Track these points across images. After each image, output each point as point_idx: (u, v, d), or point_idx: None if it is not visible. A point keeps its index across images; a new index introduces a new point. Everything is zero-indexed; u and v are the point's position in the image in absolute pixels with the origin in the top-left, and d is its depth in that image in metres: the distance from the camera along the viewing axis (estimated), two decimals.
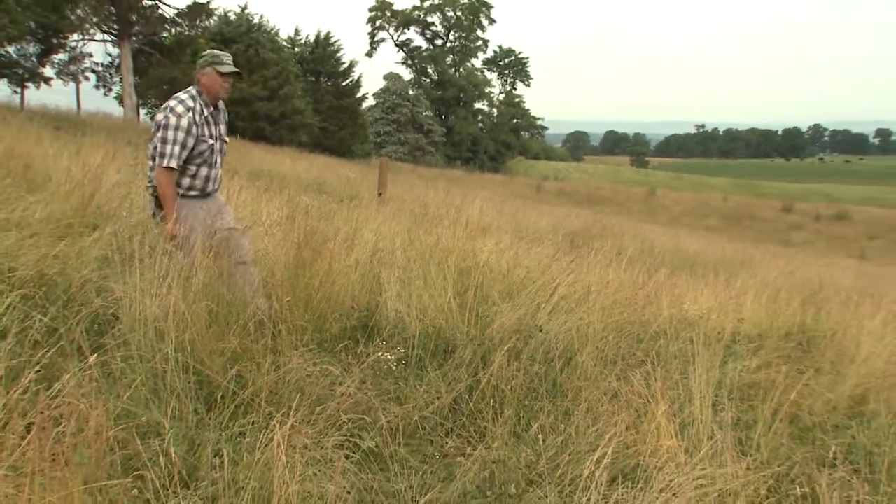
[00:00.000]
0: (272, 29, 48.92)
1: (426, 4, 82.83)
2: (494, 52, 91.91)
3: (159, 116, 4.83)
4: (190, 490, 2.89)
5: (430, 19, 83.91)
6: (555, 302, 5.84)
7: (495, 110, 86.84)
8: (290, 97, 46.86)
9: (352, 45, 67.43)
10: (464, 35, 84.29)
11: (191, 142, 4.81)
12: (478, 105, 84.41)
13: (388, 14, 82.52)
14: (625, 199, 60.24)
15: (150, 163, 4.98)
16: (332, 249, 5.80)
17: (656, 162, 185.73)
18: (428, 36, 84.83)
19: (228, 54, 5.14)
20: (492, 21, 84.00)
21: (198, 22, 36.88)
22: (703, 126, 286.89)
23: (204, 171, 4.98)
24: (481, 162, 78.19)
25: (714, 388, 4.41)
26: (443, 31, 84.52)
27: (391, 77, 71.48)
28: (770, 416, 4.32)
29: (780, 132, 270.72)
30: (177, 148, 4.74)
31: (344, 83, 56.35)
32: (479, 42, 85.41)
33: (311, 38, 56.62)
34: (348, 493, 3.11)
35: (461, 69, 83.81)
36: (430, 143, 68.62)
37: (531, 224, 15.16)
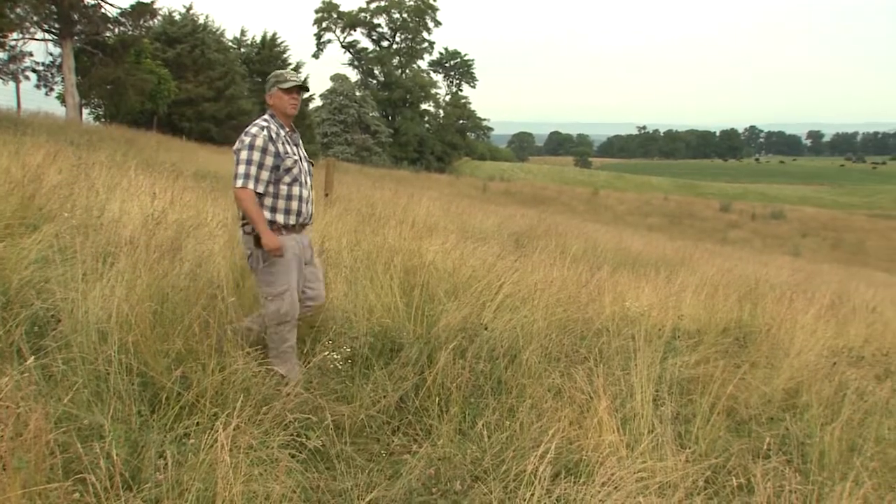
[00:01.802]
0: (217, 29, 48.44)
1: (372, 6, 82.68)
2: (440, 53, 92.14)
3: (235, 145, 4.68)
4: (133, 492, 2.87)
5: (376, 21, 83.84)
6: (500, 300, 5.90)
7: (441, 111, 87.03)
8: (236, 98, 46.42)
9: (298, 47, 67.01)
10: (410, 37, 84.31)
11: (269, 160, 4.58)
12: (424, 106, 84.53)
13: (335, 15, 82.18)
14: (569, 199, 60.83)
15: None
16: None
17: (599, 162, 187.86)
18: (374, 37, 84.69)
19: (291, 70, 5.06)
20: (437, 23, 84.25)
21: (142, 22, 36.16)
22: (644, 127, 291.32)
23: (296, 189, 4.72)
24: (428, 162, 78.28)
25: (655, 384, 4.51)
26: (389, 32, 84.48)
27: (338, 78, 71.17)
28: (708, 410, 4.44)
29: (718, 133, 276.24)
30: (252, 168, 4.51)
31: None
32: (425, 44, 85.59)
33: (258, 39, 56.16)
34: (294, 492, 3.11)
35: (407, 71, 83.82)
36: (377, 144, 68.48)
37: (477, 224, 15.23)
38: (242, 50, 55.08)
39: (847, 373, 5.82)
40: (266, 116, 4.79)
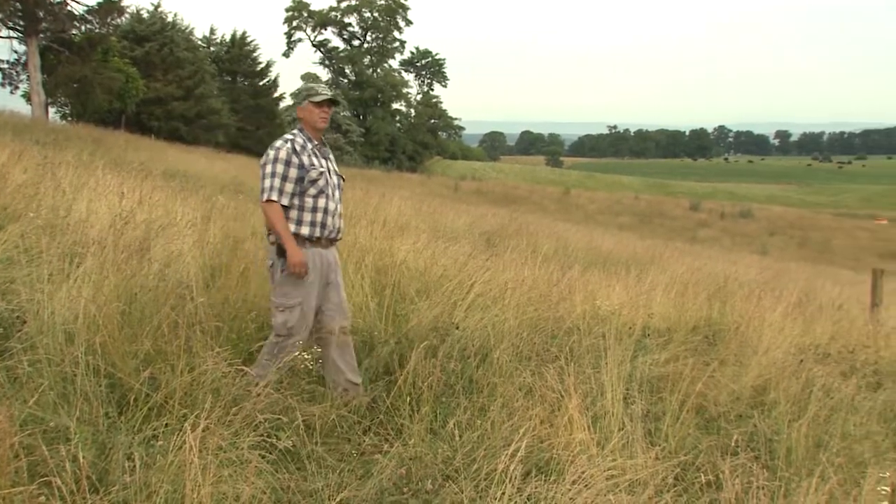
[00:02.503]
0: (186, 28, 48.08)
1: (343, 5, 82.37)
2: (411, 53, 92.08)
3: (261, 159, 4.64)
4: (100, 495, 2.83)
5: (347, 20, 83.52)
6: (471, 300, 5.92)
7: (413, 111, 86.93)
8: (205, 97, 46.12)
9: (268, 45, 66.63)
10: (381, 36, 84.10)
11: (293, 172, 4.53)
12: (395, 105, 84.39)
13: (305, 14, 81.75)
14: (540, 199, 61.04)
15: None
16: (249, 250, 5.76)
17: (570, 162, 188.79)
18: (345, 37, 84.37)
19: (322, 84, 5.00)
20: (408, 22, 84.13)
21: (109, 20, 35.74)
22: (615, 127, 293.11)
23: (322, 202, 4.63)
24: (399, 162, 78.18)
25: (625, 382, 4.54)
26: (360, 31, 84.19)
27: (309, 77, 70.86)
28: (678, 408, 4.48)
29: (687, 133, 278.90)
30: (276, 180, 4.48)
31: (261, 83, 55.75)
32: (396, 43, 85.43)
33: (227, 38, 55.77)
34: (264, 493, 3.09)
35: (378, 70, 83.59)
36: (349, 143, 68.28)
37: (448, 223, 15.24)
38: (212, 49, 54.71)
39: (814, 370, 5.89)
40: (294, 130, 4.75)
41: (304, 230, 4.57)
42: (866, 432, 4.82)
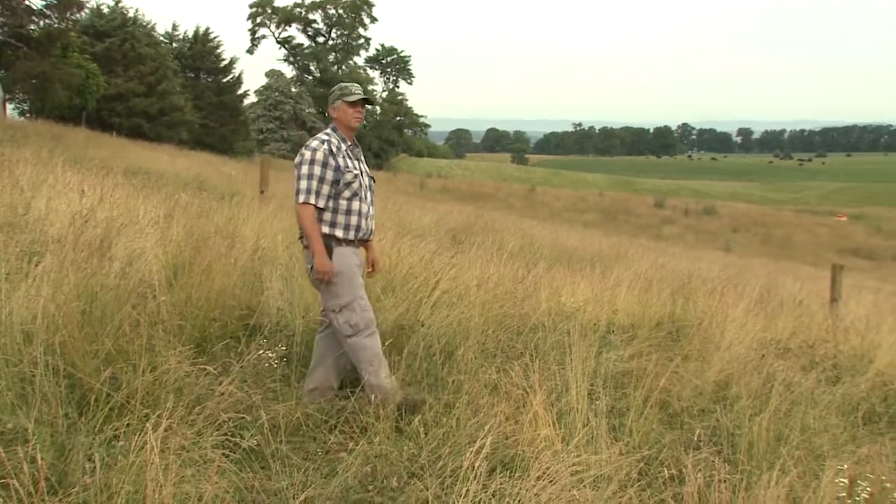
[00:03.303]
0: (148, 23, 47.50)
1: (307, 2, 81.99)
2: (377, 50, 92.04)
3: (296, 159, 4.56)
4: (58, 497, 2.79)
5: (311, 17, 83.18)
6: (436, 297, 5.92)
7: (378, 108, 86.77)
8: (168, 93, 45.58)
9: (232, 42, 65.98)
10: (346, 33, 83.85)
11: (330, 174, 4.47)
12: None
13: (269, 11, 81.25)
14: (506, 196, 61.28)
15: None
16: (212, 248, 5.70)
17: (536, 159, 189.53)
18: (310, 33, 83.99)
19: (356, 83, 4.91)
20: (373, 19, 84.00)
21: (68, 14, 35.17)
22: (580, 124, 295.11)
23: (356, 204, 4.56)
24: (365, 159, 77.93)
25: (589, 378, 4.57)
26: (325, 28, 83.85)
27: (273, 74, 70.36)
28: (641, 403, 4.51)
29: (651, 131, 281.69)
30: (313, 182, 4.41)
31: (225, 80, 55.26)
32: (362, 40, 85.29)
33: (190, 34, 55.18)
34: (227, 492, 3.06)
35: (344, 67, 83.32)
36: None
37: (414, 220, 15.21)
38: (174, 45, 54.07)
39: (775, 364, 5.99)
40: (328, 130, 4.68)
41: (339, 232, 4.51)
42: (825, 425, 4.90)
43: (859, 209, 76.07)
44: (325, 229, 4.47)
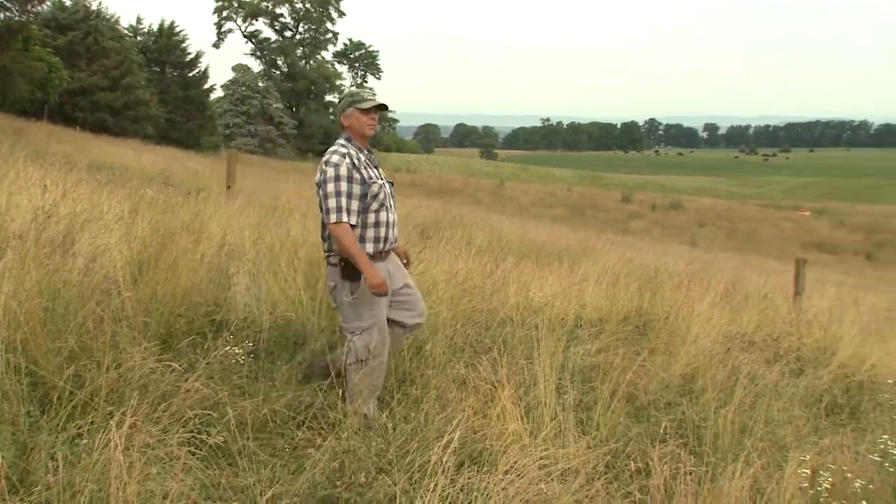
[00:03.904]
0: (112, 16, 46.86)
1: None
2: (344, 44, 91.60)
3: (317, 176, 4.38)
4: (20, 496, 2.75)
5: (278, 11, 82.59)
6: None
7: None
8: (133, 87, 45.05)
9: (198, 36, 65.21)
10: (313, 27, 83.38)
11: (357, 189, 4.28)
12: (329, 97, 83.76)
13: (236, 4, 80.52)
14: (475, 191, 61.37)
15: (323, 230, 4.48)
16: (178, 243, 5.65)
17: (505, 154, 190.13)
18: (277, 27, 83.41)
19: (367, 89, 4.73)
20: (341, 13, 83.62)
21: (29, 7, 34.57)
22: (548, 119, 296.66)
23: (384, 215, 4.42)
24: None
25: (557, 372, 4.59)
26: (292, 22, 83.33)
27: (240, 68, 69.71)
28: (609, 396, 4.54)
29: (619, 126, 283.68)
30: (343, 199, 4.22)
31: (191, 74, 54.72)
32: (329, 34, 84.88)
33: (155, 28, 54.56)
34: (193, 489, 3.04)
35: (311, 61, 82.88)
36: (282, 136, 67.45)
37: None
38: (139, 38, 53.43)
39: (740, 357, 6.06)
40: (342, 141, 4.50)
41: (369, 247, 4.36)
42: (789, 417, 4.97)
43: (822, 204, 77.23)
44: None
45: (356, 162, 4.36)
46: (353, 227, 4.27)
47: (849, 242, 51.72)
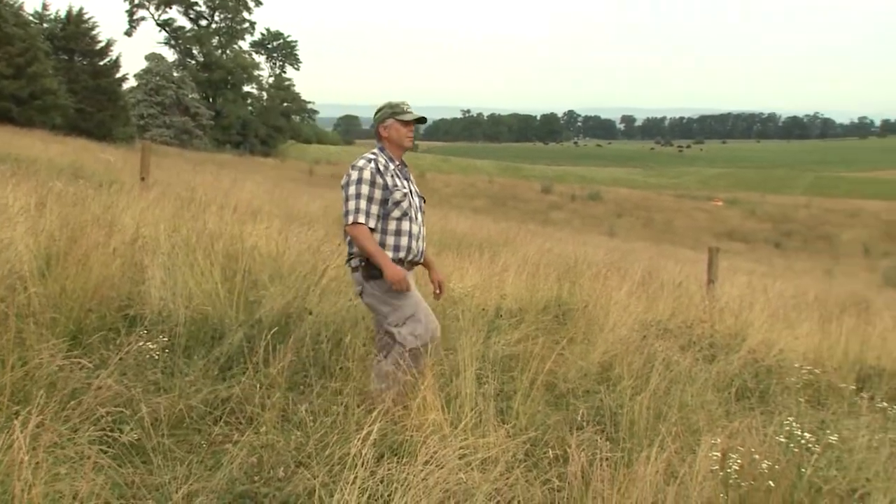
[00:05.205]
0: (15, 2, 45.01)
1: None
2: (262, 34, 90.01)
3: (343, 179, 4.36)
4: None
5: None
6: (325, 284, 5.86)
7: (265, 94, 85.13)
8: (39, 76, 43.39)
9: (109, 23, 63.16)
10: (229, 16, 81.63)
11: (378, 193, 4.32)
12: (247, 88, 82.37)
13: None
14: None
15: (346, 234, 4.43)
16: (89, 237, 5.48)
17: (425, 146, 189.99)
18: (192, 16, 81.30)
19: (406, 101, 4.63)
20: (258, 2, 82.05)
21: None
22: (468, 111, 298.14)
23: (406, 225, 4.41)
24: (252, 146, 76.39)
25: (478, 362, 4.61)
26: (207, 11, 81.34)
27: (153, 57, 67.92)
28: (528, 385, 4.59)
29: (539, 118, 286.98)
30: (362, 202, 4.25)
31: (101, 63, 52.97)
32: (246, 24, 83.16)
33: (62, 14, 52.66)
34: (104, 489, 2.95)
35: (228, 51, 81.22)
36: (198, 127, 66.07)
37: (303, 207, 15.03)
38: (45, 25, 51.51)
39: (655, 345, 6.20)
40: (375, 150, 4.52)
41: (389, 253, 4.35)
42: (701, 402, 5.11)
43: (734, 194, 79.43)
44: None
45: (381, 168, 4.40)
46: (372, 230, 4.32)
47: (759, 232, 53.43)
